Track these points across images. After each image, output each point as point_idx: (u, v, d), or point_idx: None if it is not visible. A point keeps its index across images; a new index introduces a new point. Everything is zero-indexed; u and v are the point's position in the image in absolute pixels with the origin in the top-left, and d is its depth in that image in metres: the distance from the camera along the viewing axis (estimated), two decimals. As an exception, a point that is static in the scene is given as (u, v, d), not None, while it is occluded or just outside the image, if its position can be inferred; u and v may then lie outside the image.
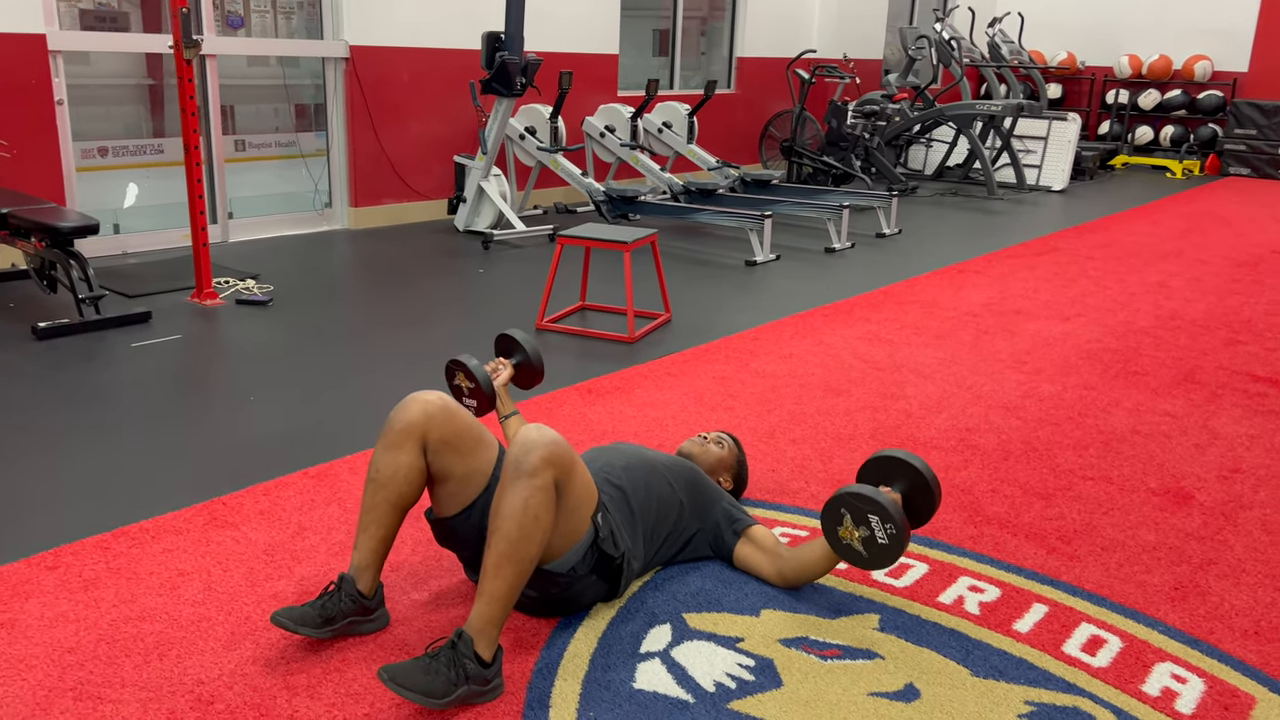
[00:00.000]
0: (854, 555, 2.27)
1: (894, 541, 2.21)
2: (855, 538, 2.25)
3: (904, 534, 2.20)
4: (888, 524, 2.21)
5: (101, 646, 2.09)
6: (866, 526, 2.23)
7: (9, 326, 4.27)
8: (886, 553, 2.22)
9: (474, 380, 2.73)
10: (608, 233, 4.54)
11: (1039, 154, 10.32)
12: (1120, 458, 3.33)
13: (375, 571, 2.16)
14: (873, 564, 2.25)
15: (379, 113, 6.70)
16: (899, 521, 2.19)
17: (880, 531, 2.22)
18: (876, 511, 2.22)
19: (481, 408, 2.76)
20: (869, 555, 2.25)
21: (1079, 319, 5.10)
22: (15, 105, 5.09)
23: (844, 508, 2.26)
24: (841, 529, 2.28)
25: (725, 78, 9.94)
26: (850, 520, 2.26)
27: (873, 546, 2.23)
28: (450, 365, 2.80)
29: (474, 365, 2.74)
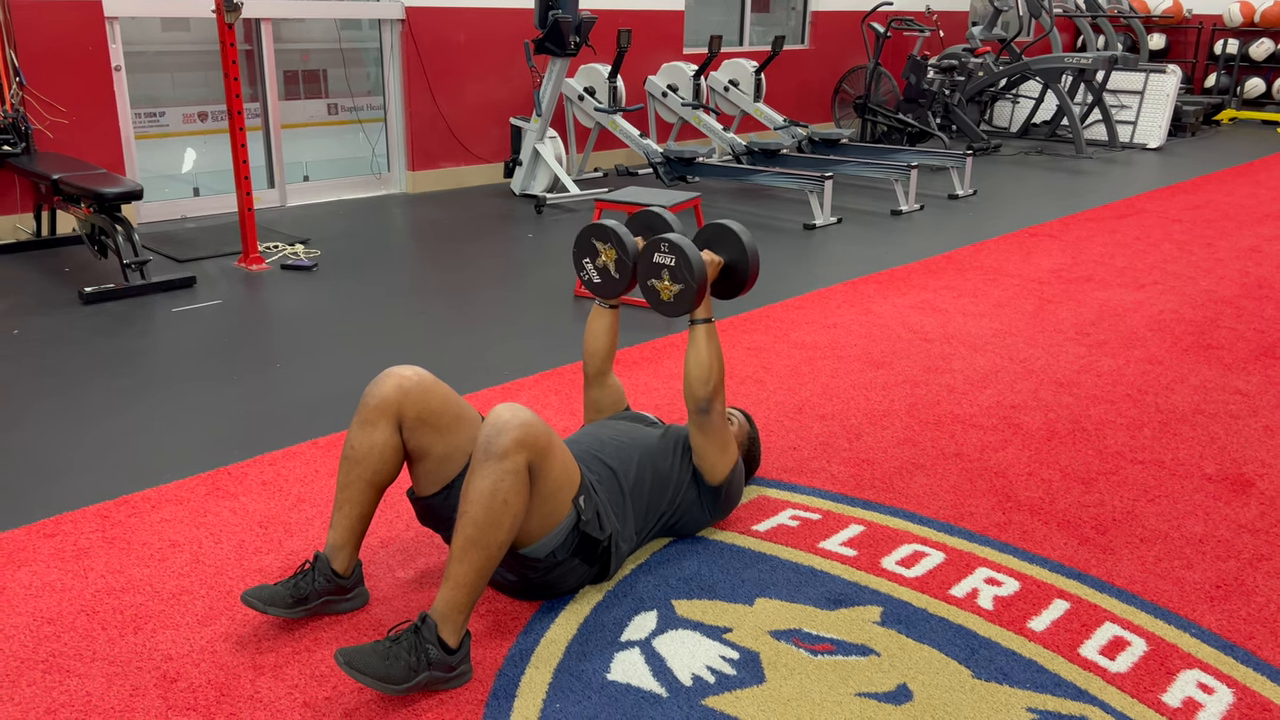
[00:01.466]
0: (684, 297, 2.32)
1: (680, 256, 2.28)
2: (670, 287, 2.33)
3: (682, 245, 2.28)
4: (663, 245, 2.30)
5: (81, 618, 2.09)
6: (662, 269, 2.32)
7: (60, 291, 4.37)
8: (687, 263, 2.27)
9: (624, 270, 2.42)
10: (649, 196, 4.40)
11: (1134, 109, 9.75)
12: (1177, 439, 3.09)
13: (352, 550, 2.11)
14: (690, 281, 2.29)
15: (435, 75, 6.65)
16: (674, 241, 2.28)
17: (667, 259, 2.31)
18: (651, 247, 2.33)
19: (606, 291, 2.51)
20: (686, 281, 2.29)
21: (1154, 287, 4.78)
22: (73, 71, 5.18)
23: (646, 278, 2.36)
24: (661, 294, 2.34)
25: (799, 33, 9.62)
26: (656, 282, 2.34)
27: (679, 272, 2.30)
28: (596, 229, 2.45)
29: (632, 248, 2.42)
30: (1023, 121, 10.16)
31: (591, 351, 2.64)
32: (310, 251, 5.10)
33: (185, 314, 4.12)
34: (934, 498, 2.69)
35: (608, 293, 2.55)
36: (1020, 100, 10.29)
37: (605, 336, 2.62)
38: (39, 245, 5.04)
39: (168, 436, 3.00)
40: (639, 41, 7.40)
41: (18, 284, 4.47)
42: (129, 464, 2.80)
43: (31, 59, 5.02)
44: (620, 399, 2.69)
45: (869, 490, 2.73)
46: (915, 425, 3.15)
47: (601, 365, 2.64)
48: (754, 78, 7.83)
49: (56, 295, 4.31)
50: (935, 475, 2.82)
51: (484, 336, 3.93)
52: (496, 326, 4.05)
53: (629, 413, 2.67)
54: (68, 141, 5.17)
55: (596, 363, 2.64)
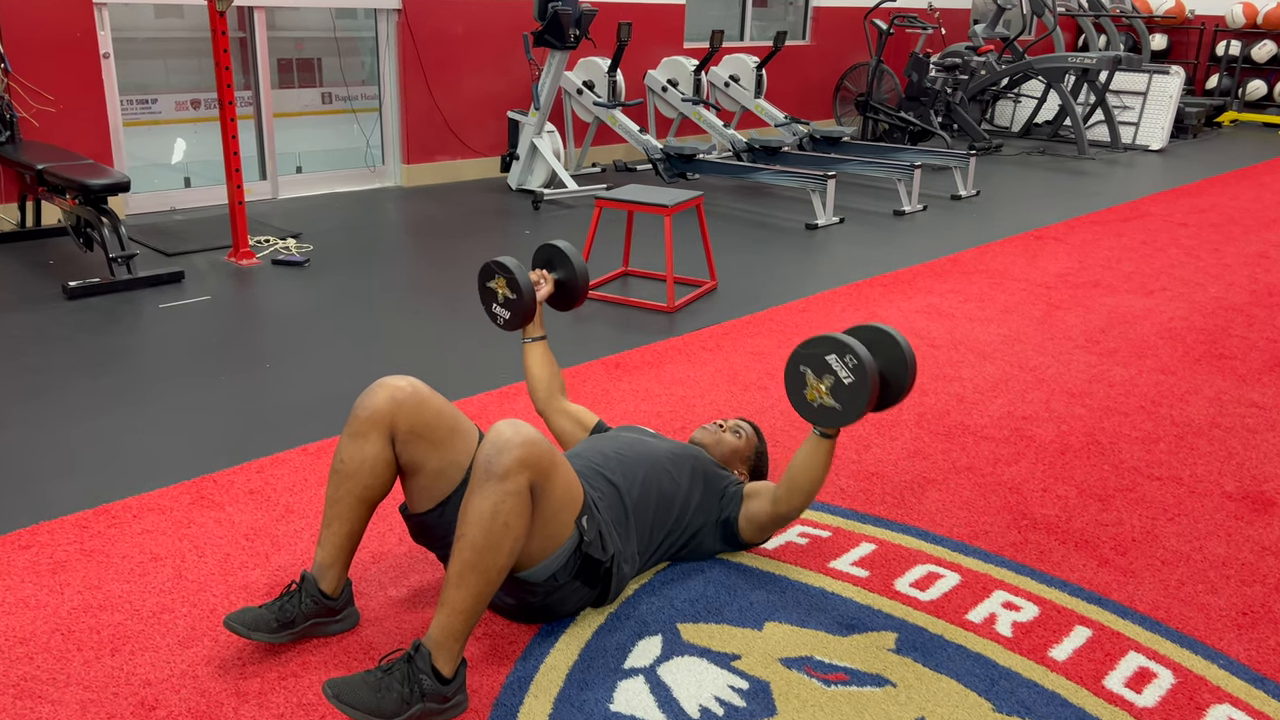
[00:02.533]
0: (829, 414, 2.07)
1: (860, 374, 2.01)
2: (823, 392, 2.07)
3: (868, 362, 2.00)
4: (846, 356, 2.02)
5: (55, 638, 1.99)
6: (830, 374, 2.05)
7: (44, 285, 4.25)
8: (857, 390, 2.02)
9: (516, 288, 2.42)
10: (649, 195, 4.30)
11: (1137, 110, 9.67)
12: (1194, 454, 3.00)
13: (341, 569, 2.01)
14: (849, 409, 2.04)
15: (432, 66, 6.53)
16: (858, 350, 2.01)
17: (844, 371, 2.03)
18: (832, 348, 2.04)
19: (514, 321, 2.47)
20: (843, 405, 2.04)
21: (1163, 293, 4.69)
22: (61, 58, 5.04)
23: (802, 364, 2.09)
24: (808, 391, 2.10)
25: (800, 28, 9.51)
26: (812, 375, 2.08)
27: (842, 391, 2.04)
28: (489, 266, 2.45)
29: (517, 269, 2.41)
30: (1024, 121, 10.07)
31: (533, 383, 2.58)
32: (302, 246, 4.98)
33: (173, 310, 4.00)
34: (947, 514, 2.60)
35: (519, 320, 2.49)
36: (1022, 100, 10.21)
37: (538, 369, 2.57)
38: (23, 236, 4.92)
39: (151, 440, 2.89)
40: (639, 35, 7.29)
41: (1, 277, 4.35)
42: (110, 470, 2.69)
43: (17, 45, 4.89)
44: (585, 420, 2.58)
45: (879, 506, 2.63)
46: (925, 436, 3.06)
47: (546, 397, 2.57)
48: (755, 73, 7.73)
49: (40, 289, 4.19)
50: (947, 490, 2.73)
51: (479, 337, 3.82)
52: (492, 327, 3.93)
53: (629, 427, 2.56)
54: (54, 130, 5.04)
55: (541, 395, 2.57)
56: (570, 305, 2.60)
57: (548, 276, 2.58)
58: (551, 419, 2.58)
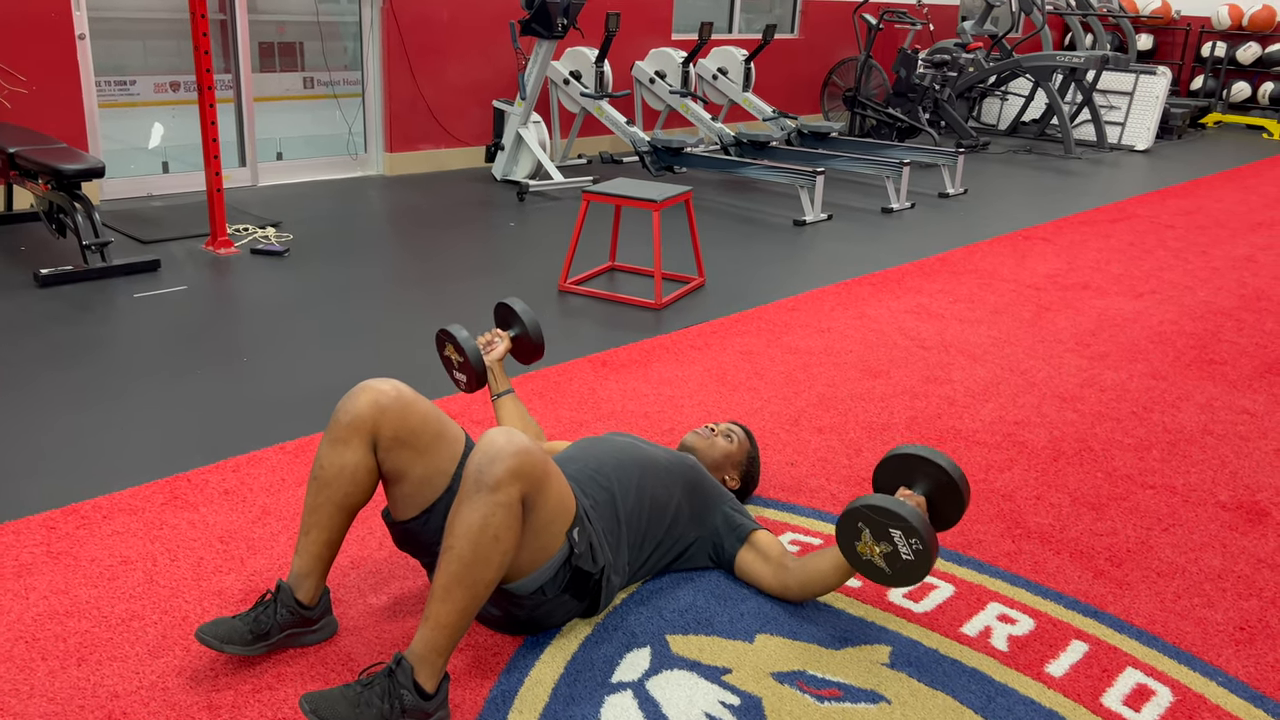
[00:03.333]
0: (875, 572, 1.98)
1: (920, 557, 1.91)
2: (876, 554, 1.96)
3: (931, 548, 1.90)
4: (913, 539, 1.91)
5: (19, 647, 1.90)
6: (889, 542, 1.93)
7: (14, 272, 4.13)
8: (913, 569, 1.93)
9: (463, 354, 2.47)
10: (638, 189, 4.22)
11: (1123, 110, 9.67)
12: (1187, 462, 2.97)
13: (319, 579, 1.93)
14: (897, 581, 1.96)
15: (416, 53, 6.42)
16: (925, 536, 1.90)
17: (905, 547, 1.92)
18: (900, 526, 1.92)
19: (471, 384, 2.51)
20: (893, 572, 1.95)
21: (1152, 296, 4.67)
22: (34, 39, 4.91)
23: (862, 521, 1.97)
24: (860, 544, 1.98)
25: (789, 22, 9.44)
26: (870, 535, 1.96)
27: (896, 562, 1.94)
28: (439, 335, 2.54)
29: (463, 337, 2.48)
30: (1012, 119, 10.05)
31: None
32: (282, 235, 4.88)
33: (147, 300, 3.90)
34: (940, 523, 2.55)
35: (475, 383, 2.49)
36: (1009, 97, 10.19)
37: (509, 421, 2.53)
38: (-6, 221, 4.79)
39: (123, 437, 2.80)
40: (627, 26, 7.21)
41: (-31, 262, 4.24)
42: (80, 467, 2.60)
43: (-11, 24, 4.76)
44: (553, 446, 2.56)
45: (871, 513, 2.58)
46: (916, 441, 3.01)
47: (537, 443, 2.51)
48: (743, 66, 7.66)
49: (10, 276, 4.08)
50: (940, 497, 2.68)
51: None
52: (476, 321, 3.86)
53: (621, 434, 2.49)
54: (27, 113, 4.92)
55: None
56: (531, 359, 2.64)
57: (503, 334, 2.62)
58: None
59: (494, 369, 2.57)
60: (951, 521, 2.09)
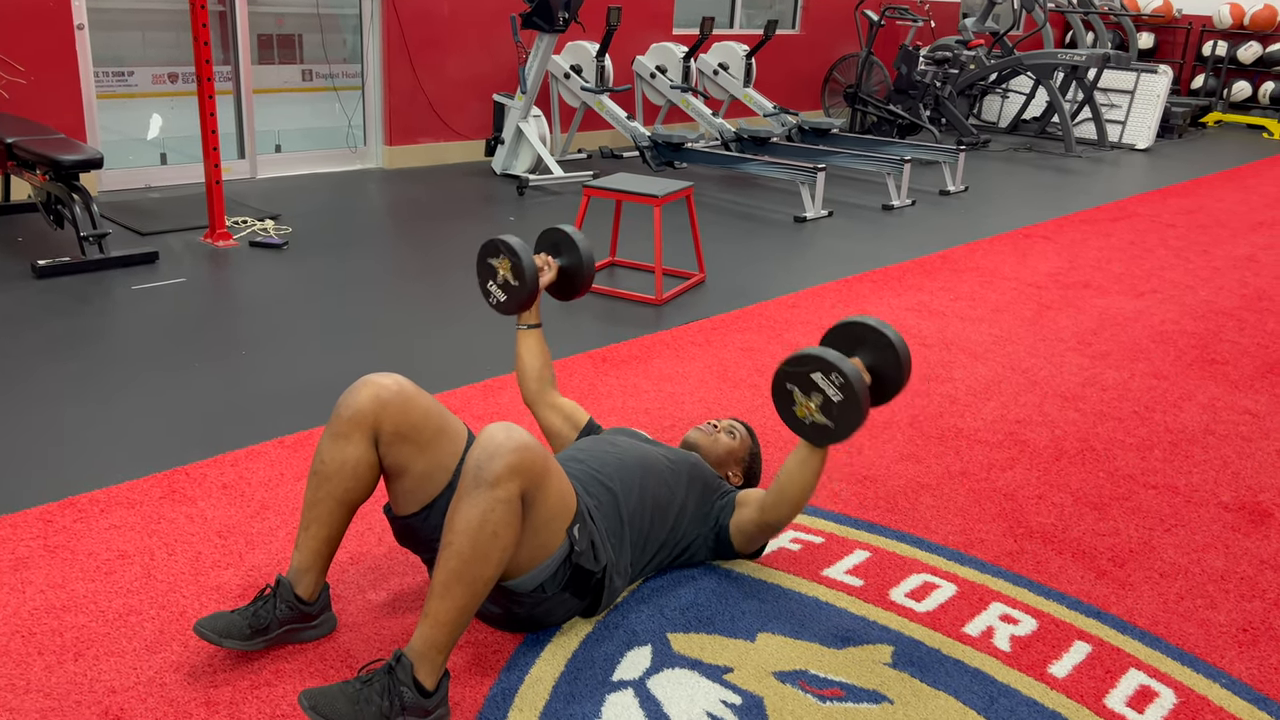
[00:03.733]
0: (822, 433, 2.00)
1: (847, 391, 1.95)
2: (813, 410, 2.00)
3: (856, 383, 1.94)
4: (832, 374, 1.95)
5: (15, 641, 1.89)
6: (818, 391, 1.98)
7: (11, 263, 4.11)
8: (848, 408, 1.95)
9: (520, 274, 2.28)
10: (639, 184, 4.21)
11: (1124, 109, 9.65)
12: (1190, 462, 2.96)
13: (318, 574, 1.92)
14: (841, 427, 1.98)
15: (417, 46, 6.39)
16: (844, 368, 1.95)
17: (832, 389, 1.96)
18: (817, 367, 1.97)
19: (511, 304, 2.36)
20: (835, 422, 1.98)
21: (1153, 295, 4.66)
22: (33, 29, 4.88)
23: (788, 382, 2.02)
24: (796, 409, 2.02)
25: (790, 17, 9.41)
26: (800, 393, 2.01)
27: (832, 409, 1.97)
28: (495, 244, 2.33)
29: (524, 253, 2.28)
30: (1012, 117, 10.03)
31: (523, 376, 2.48)
32: (281, 228, 4.86)
33: (145, 292, 3.88)
34: (942, 521, 2.54)
35: (516, 305, 2.38)
36: (1010, 95, 10.17)
37: (530, 358, 2.47)
38: (-9, 212, 4.77)
39: (121, 430, 2.78)
40: (629, 20, 7.18)
41: (-34, 253, 4.22)
42: (77, 461, 2.59)
43: (-13, 13, 4.73)
44: (579, 416, 2.49)
45: (873, 511, 2.57)
46: (918, 439, 3.00)
47: (537, 386, 2.47)
48: (744, 62, 7.64)
49: (7, 267, 4.05)
50: (942, 496, 2.67)
51: (463, 327, 3.73)
52: (476, 316, 3.84)
53: (625, 430, 2.48)
54: (25, 103, 4.89)
55: (532, 387, 2.47)
56: (572, 295, 2.49)
57: (552, 263, 2.47)
58: (541, 413, 2.49)
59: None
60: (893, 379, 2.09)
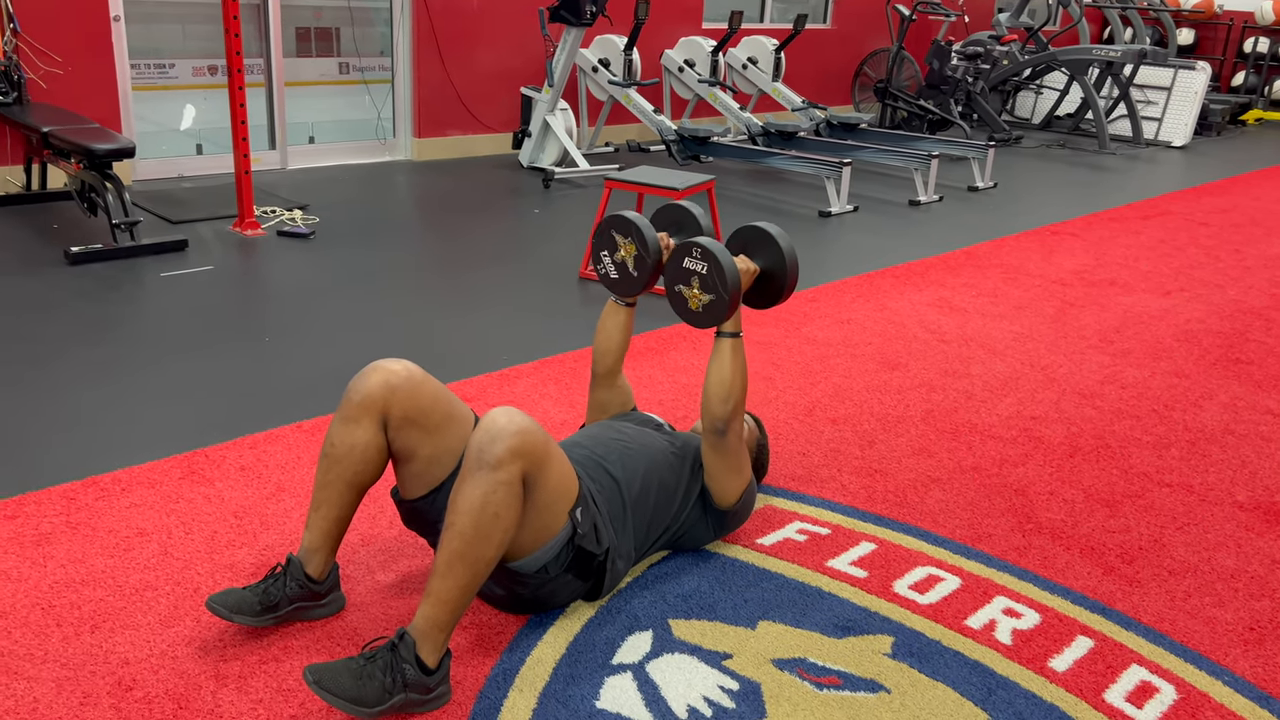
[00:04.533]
0: (715, 309, 2.13)
1: (710, 260, 2.09)
2: (697, 294, 2.15)
3: (715, 251, 2.09)
4: (695, 250, 2.11)
5: (35, 613, 1.95)
6: (694, 275, 2.13)
7: (46, 249, 4.21)
8: (718, 276, 2.10)
9: (644, 247, 2.24)
10: (660, 177, 4.23)
11: (1160, 105, 9.53)
12: (1207, 461, 2.93)
13: (328, 554, 1.97)
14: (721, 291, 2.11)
15: (446, 39, 6.45)
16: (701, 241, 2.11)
17: (698, 265, 2.12)
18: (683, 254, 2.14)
19: (628, 284, 2.32)
20: (716, 291, 2.11)
21: (1181, 294, 4.61)
22: (70, 20, 4.99)
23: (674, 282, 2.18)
24: (690, 303, 2.16)
25: (822, 12, 9.38)
26: (684, 289, 2.16)
27: (709, 284, 2.12)
28: (613, 220, 2.30)
29: (648, 227, 2.26)
30: (1046, 113, 9.93)
31: (603, 350, 2.45)
32: (308, 218, 4.93)
33: (174, 279, 3.96)
34: (950, 515, 2.54)
35: (623, 290, 2.36)
36: (1043, 91, 10.07)
37: (618, 334, 2.43)
38: (28, 200, 4.88)
39: (144, 412, 2.85)
40: (657, 14, 7.19)
41: (3, 240, 4.31)
42: (101, 441, 2.65)
43: (27, 5, 4.83)
44: (628, 400, 2.53)
45: (881, 504, 2.58)
46: (931, 434, 3.00)
47: (613, 365, 2.47)
48: (773, 56, 7.63)
49: (42, 254, 4.15)
50: (952, 490, 2.67)
51: (483, 317, 3.77)
52: (496, 307, 3.89)
53: (636, 414, 2.51)
54: (62, 93, 4.99)
55: (608, 362, 2.46)
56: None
57: (671, 244, 2.34)
58: (604, 388, 2.48)
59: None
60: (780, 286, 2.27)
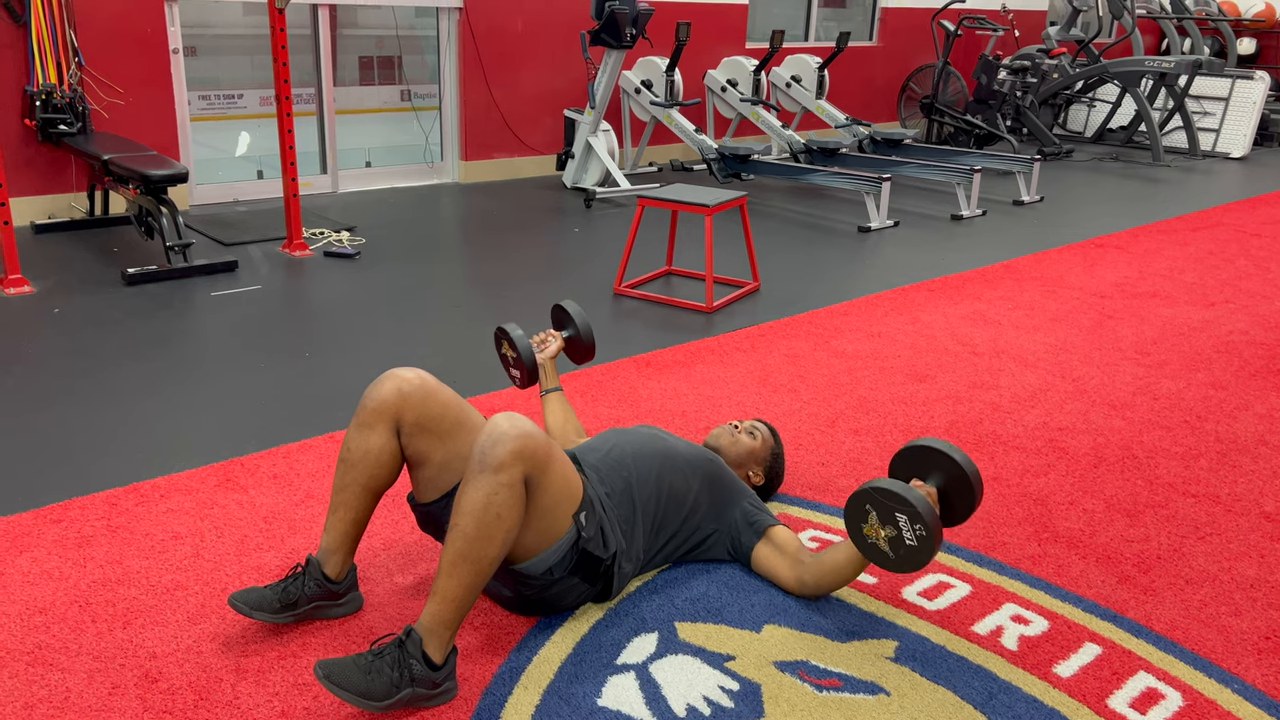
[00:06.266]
0: (879, 555, 2.02)
1: (923, 544, 1.94)
2: (881, 537, 2.00)
3: (935, 536, 1.93)
4: (916, 524, 1.94)
5: (73, 609, 2.06)
6: (894, 526, 1.97)
7: (105, 270, 4.41)
8: (915, 555, 1.96)
9: (516, 350, 2.61)
10: (693, 194, 4.29)
11: (1218, 116, 9.34)
12: (1236, 472, 2.90)
13: (345, 555, 2.05)
14: (899, 566, 1.99)
15: (491, 64, 6.61)
16: (929, 522, 1.93)
17: (909, 532, 1.96)
18: (904, 510, 1.95)
19: (524, 379, 2.64)
20: (895, 557, 1.99)
21: (1225, 305, 4.53)
22: (131, 53, 5.23)
23: (869, 504, 2.01)
24: (866, 526, 2.02)
25: (867, 29, 9.39)
26: (876, 518, 2.00)
27: (900, 547, 1.98)
28: (497, 333, 2.68)
29: (518, 336, 2.61)
30: (1098, 126, 9.80)
31: (559, 437, 2.61)
32: (355, 239, 5.09)
33: (223, 298, 4.12)
34: (965, 523, 2.55)
35: (527, 380, 2.62)
36: (1097, 104, 9.94)
37: (553, 419, 2.66)
38: (92, 224, 5.11)
39: (187, 423, 2.98)
40: (700, 35, 7.28)
41: (66, 262, 4.53)
42: (145, 450, 2.79)
43: (91, 39, 5.08)
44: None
45: (897, 513, 2.59)
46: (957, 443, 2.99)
47: (575, 440, 2.59)
48: (817, 74, 7.66)
49: (101, 275, 4.35)
50: (969, 500, 2.67)
51: (517, 332, 3.86)
52: (530, 322, 3.97)
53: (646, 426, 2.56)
54: (123, 122, 5.23)
55: (567, 442, 2.58)
56: (583, 359, 2.76)
57: (557, 334, 2.74)
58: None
59: (545, 366, 2.67)
60: (961, 516, 2.10)
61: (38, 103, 4.86)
